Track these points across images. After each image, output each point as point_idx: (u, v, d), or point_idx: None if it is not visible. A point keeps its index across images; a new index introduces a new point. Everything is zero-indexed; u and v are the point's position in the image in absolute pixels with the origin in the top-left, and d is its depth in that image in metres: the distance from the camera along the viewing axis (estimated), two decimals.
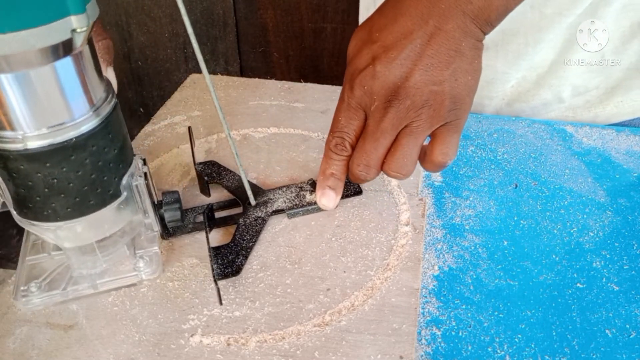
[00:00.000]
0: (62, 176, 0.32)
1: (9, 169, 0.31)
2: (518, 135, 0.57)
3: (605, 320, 0.37)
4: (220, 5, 1.11)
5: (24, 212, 0.33)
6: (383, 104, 0.37)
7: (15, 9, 0.25)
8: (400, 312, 0.36)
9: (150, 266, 0.38)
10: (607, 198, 0.48)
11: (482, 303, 0.38)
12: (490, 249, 0.43)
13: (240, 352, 0.34)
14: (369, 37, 0.38)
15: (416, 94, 0.37)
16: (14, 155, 0.30)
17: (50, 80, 0.29)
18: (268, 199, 0.45)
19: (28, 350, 0.34)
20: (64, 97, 0.31)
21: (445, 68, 0.37)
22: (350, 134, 0.40)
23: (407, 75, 0.36)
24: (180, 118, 0.58)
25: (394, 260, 0.40)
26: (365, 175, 0.40)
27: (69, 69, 0.30)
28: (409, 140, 0.38)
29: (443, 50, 0.36)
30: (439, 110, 0.37)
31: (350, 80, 0.39)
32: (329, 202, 0.42)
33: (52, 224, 0.33)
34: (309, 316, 0.36)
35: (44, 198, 0.32)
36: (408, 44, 0.36)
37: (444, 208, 0.47)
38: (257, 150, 0.53)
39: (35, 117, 0.30)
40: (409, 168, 0.40)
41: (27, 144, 0.30)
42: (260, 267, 0.40)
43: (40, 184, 0.31)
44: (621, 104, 0.60)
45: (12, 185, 0.32)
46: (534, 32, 0.57)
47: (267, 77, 0.67)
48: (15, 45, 0.26)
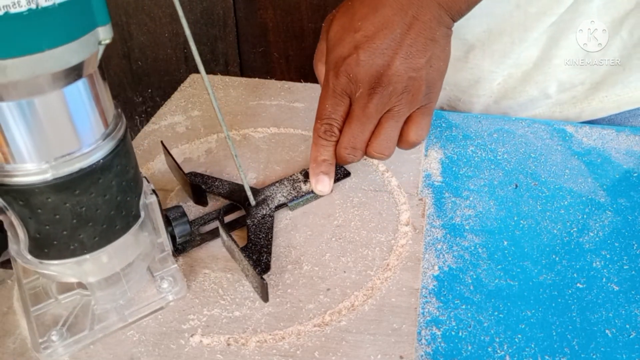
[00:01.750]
0: (90, 203, 0.29)
1: (31, 206, 0.27)
2: (518, 135, 0.57)
3: (605, 320, 0.37)
4: (220, 5, 1.11)
5: (44, 252, 0.30)
6: (367, 90, 0.40)
7: (53, 25, 0.23)
8: (400, 312, 0.36)
9: (175, 285, 0.36)
10: (607, 198, 0.48)
11: (482, 303, 0.38)
12: (490, 249, 0.43)
13: (240, 352, 0.34)
14: (351, 25, 0.40)
15: (397, 81, 0.40)
16: (40, 188, 0.27)
17: (80, 98, 0.27)
18: (266, 196, 0.45)
19: (28, 350, 0.34)
20: (94, 114, 0.28)
21: (422, 56, 0.40)
22: (338, 120, 0.43)
23: (388, 63, 0.39)
24: (180, 118, 0.58)
25: (394, 260, 0.40)
26: (353, 157, 0.44)
27: (97, 84, 0.28)
28: (391, 123, 0.42)
29: (421, 39, 0.39)
30: (417, 95, 0.41)
31: (335, 67, 0.41)
32: (325, 187, 0.45)
33: (78, 258, 0.30)
34: (309, 316, 0.36)
35: (70, 231, 0.29)
36: (389, 33, 0.39)
37: (444, 208, 0.47)
38: (256, 150, 0.53)
39: (65, 141, 0.27)
40: (392, 149, 0.44)
41: (55, 172, 0.27)
42: None
43: (68, 216, 0.28)
44: (606, 99, 0.61)
45: (33, 224, 0.28)
46: (519, 31, 0.58)
47: (267, 77, 0.66)
48: (52, 64, 0.24)
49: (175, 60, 1.19)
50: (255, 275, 0.36)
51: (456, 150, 0.55)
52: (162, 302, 0.36)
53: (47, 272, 0.31)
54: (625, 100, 0.60)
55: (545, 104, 0.64)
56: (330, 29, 0.42)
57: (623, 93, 0.60)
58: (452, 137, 0.57)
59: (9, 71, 0.23)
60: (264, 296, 0.36)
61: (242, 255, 0.37)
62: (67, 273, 0.31)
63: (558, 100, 0.63)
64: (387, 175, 0.49)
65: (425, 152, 0.54)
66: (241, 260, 0.38)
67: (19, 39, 0.22)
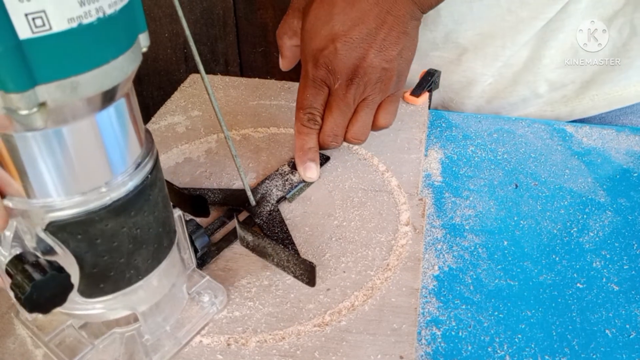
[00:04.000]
0: (143, 223, 0.27)
1: (90, 237, 0.25)
2: (518, 135, 0.57)
3: (605, 320, 0.37)
4: (220, 5, 1.10)
5: (99, 288, 0.27)
6: (345, 81, 0.43)
7: (115, 33, 0.22)
8: (400, 312, 0.36)
9: (217, 296, 0.36)
10: (607, 198, 0.48)
11: (482, 303, 0.38)
12: (490, 249, 0.43)
13: (240, 352, 0.34)
14: (328, 18, 0.42)
15: (372, 72, 0.43)
16: (99, 215, 0.25)
17: (130, 110, 0.26)
18: (262, 193, 0.45)
19: (28, 350, 0.34)
20: (140, 126, 0.27)
21: (395, 48, 0.43)
22: (319, 109, 0.45)
23: (363, 55, 0.42)
24: (180, 118, 0.58)
25: (394, 260, 0.40)
26: (335, 144, 0.47)
27: (133, 94, 0.26)
28: (367, 111, 0.45)
29: (394, 33, 0.42)
30: (388, 84, 0.44)
31: (314, 59, 0.43)
32: (313, 173, 0.46)
33: (133, 286, 0.28)
34: (309, 316, 0.36)
35: (127, 257, 0.27)
36: (365, 28, 0.41)
37: (444, 208, 0.47)
38: (256, 150, 0.53)
39: (120, 160, 0.25)
40: (367, 134, 0.47)
41: (113, 195, 0.25)
42: (260, 266, 0.39)
43: (124, 241, 0.26)
44: (596, 97, 0.61)
45: (90, 258, 0.26)
46: (511, 34, 0.58)
47: (267, 77, 0.66)
48: (114, 76, 0.22)
49: (175, 60, 1.19)
50: (303, 261, 0.36)
51: (456, 150, 0.55)
52: (210, 315, 0.35)
53: (94, 312, 0.28)
54: (616, 98, 0.61)
55: (537, 103, 0.64)
56: (307, 19, 0.44)
57: (613, 91, 0.61)
58: (452, 137, 0.57)
59: (80, 88, 0.21)
60: (312, 280, 0.37)
61: (280, 247, 0.37)
62: (118, 307, 0.29)
63: (549, 99, 0.64)
64: (387, 175, 0.49)
65: (425, 152, 0.54)
66: (277, 253, 0.38)
67: (89, 51, 0.21)
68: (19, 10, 0.18)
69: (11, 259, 0.24)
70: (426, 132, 0.56)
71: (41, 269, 0.24)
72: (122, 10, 0.22)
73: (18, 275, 0.24)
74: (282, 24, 0.50)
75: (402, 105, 0.59)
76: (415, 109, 0.58)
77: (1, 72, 0.19)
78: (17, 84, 0.19)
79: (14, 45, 0.19)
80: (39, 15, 0.19)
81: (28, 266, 0.24)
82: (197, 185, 0.47)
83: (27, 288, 0.23)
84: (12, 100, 0.20)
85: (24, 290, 0.23)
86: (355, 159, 0.51)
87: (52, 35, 0.19)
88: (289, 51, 0.51)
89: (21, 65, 0.19)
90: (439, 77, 0.61)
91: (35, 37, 0.19)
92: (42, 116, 0.21)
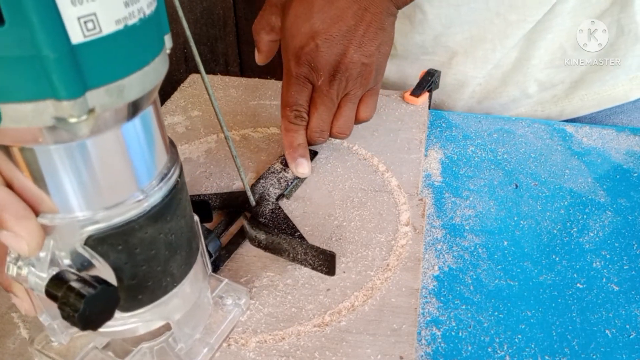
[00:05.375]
0: (176, 228, 0.26)
1: (130, 247, 0.24)
2: (518, 135, 0.57)
3: (605, 321, 0.37)
4: (220, 5, 1.10)
5: (137, 300, 0.26)
6: (328, 78, 0.44)
7: (152, 34, 0.21)
8: (400, 312, 0.36)
9: (241, 297, 0.35)
10: (607, 198, 0.48)
11: (482, 303, 0.38)
12: (490, 249, 0.43)
13: (240, 352, 0.34)
14: (308, 16, 0.43)
15: (353, 67, 0.44)
16: (139, 223, 0.24)
17: (158, 113, 0.25)
18: (260, 193, 0.45)
19: (27, 350, 0.34)
20: (164, 130, 0.26)
21: (373, 44, 0.44)
22: (305, 105, 0.46)
23: (344, 51, 0.43)
24: (180, 118, 0.58)
25: (394, 260, 0.40)
26: (322, 139, 0.48)
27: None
28: (349, 105, 0.47)
29: (372, 29, 0.44)
30: (368, 79, 0.46)
31: (296, 57, 0.44)
32: (305, 169, 0.47)
33: (168, 294, 0.28)
34: (309, 316, 0.36)
35: (163, 265, 0.26)
36: (344, 25, 0.43)
37: (444, 208, 0.47)
38: (256, 150, 0.53)
39: (157, 163, 0.25)
40: (351, 128, 0.48)
41: (151, 200, 0.24)
42: (260, 267, 0.40)
43: (162, 248, 0.26)
44: (586, 97, 0.62)
45: (129, 269, 0.25)
46: (500, 37, 0.59)
47: (267, 77, 0.66)
48: (153, 77, 0.22)
49: (175, 60, 1.19)
50: (322, 251, 0.37)
51: (456, 150, 0.55)
52: (236, 318, 0.35)
53: (128, 327, 0.27)
54: (605, 98, 0.61)
55: (528, 103, 0.65)
56: (287, 18, 0.45)
57: (602, 91, 0.61)
58: (452, 137, 0.57)
59: (125, 91, 0.21)
60: (332, 270, 0.37)
61: (296, 240, 0.38)
62: (153, 319, 0.28)
63: (540, 100, 0.64)
64: (387, 176, 0.49)
65: (425, 152, 0.54)
66: (293, 248, 0.38)
67: (134, 53, 0.21)
68: (72, 14, 0.18)
69: (52, 280, 0.23)
70: (426, 132, 0.56)
71: (89, 284, 0.22)
72: (155, 11, 0.22)
73: (66, 293, 0.22)
74: (259, 19, 0.51)
75: (402, 105, 0.59)
76: (415, 109, 0.58)
77: (56, 80, 0.18)
78: (71, 91, 0.19)
79: (68, 50, 0.18)
80: (90, 19, 0.18)
81: (74, 283, 0.22)
82: (197, 186, 0.47)
83: (80, 305, 0.22)
84: (65, 109, 0.19)
85: (76, 307, 0.22)
86: (355, 159, 0.51)
87: (102, 39, 0.19)
88: (265, 46, 0.52)
89: (74, 71, 0.18)
90: (439, 77, 0.61)
91: (87, 41, 0.18)
92: (89, 123, 0.20)
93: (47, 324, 0.27)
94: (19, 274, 0.24)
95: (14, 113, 0.19)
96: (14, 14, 0.17)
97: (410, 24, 0.62)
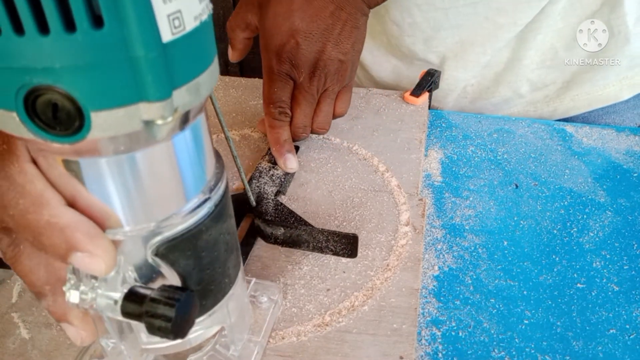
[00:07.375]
0: (230, 226, 0.26)
1: (197, 250, 0.24)
2: (518, 135, 0.57)
3: (605, 321, 0.37)
4: (220, 5, 1.10)
5: (202, 305, 0.26)
6: (308, 74, 0.46)
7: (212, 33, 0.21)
8: (400, 312, 0.36)
9: (274, 293, 0.35)
10: (607, 198, 0.48)
11: (482, 303, 0.38)
12: (490, 249, 0.43)
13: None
14: (288, 15, 0.45)
15: (331, 64, 0.46)
16: (206, 225, 0.23)
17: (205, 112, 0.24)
18: (257, 193, 0.45)
19: (28, 350, 0.34)
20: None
21: (348, 42, 0.46)
22: (287, 102, 0.47)
23: (322, 49, 0.45)
24: None
25: (394, 260, 0.40)
26: (304, 134, 0.49)
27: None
28: (328, 101, 0.49)
29: (347, 27, 0.46)
30: (344, 75, 0.48)
31: (277, 54, 0.45)
32: (293, 164, 0.47)
33: (227, 296, 0.27)
34: (308, 316, 0.36)
35: (223, 266, 0.26)
36: (322, 23, 0.45)
37: (444, 208, 0.47)
38: (256, 150, 0.52)
39: (214, 160, 0.24)
40: (330, 123, 0.50)
41: (214, 199, 0.24)
42: (260, 267, 0.40)
43: (221, 249, 0.25)
44: (577, 97, 0.62)
45: (196, 274, 0.24)
46: (490, 41, 0.59)
47: None
48: (213, 77, 0.22)
49: None
50: (345, 235, 0.38)
51: (456, 150, 0.55)
52: (275, 314, 0.35)
53: (189, 337, 0.27)
54: (596, 98, 0.61)
55: (520, 103, 0.65)
56: (266, 17, 0.46)
57: (593, 91, 0.61)
58: (452, 137, 0.57)
59: (201, 89, 0.20)
60: (354, 251, 0.38)
61: (317, 229, 0.38)
62: (213, 324, 0.27)
63: (532, 100, 0.64)
64: (387, 175, 0.49)
65: (425, 152, 0.54)
66: (314, 237, 0.39)
67: (206, 49, 0.20)
68: (163, 12, 0.17)
69: (128, 297, 0.22)
70: (426, 132, 0.56)
71: (171, 293, 0.22)
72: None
73: (152, 306, 0.21)
74: (235, 16, 0.51)
75: (402, 105, 0.59)
76: (415, 109, 0.58)
77: (149, 80, 0.17)
78: (162, 92, 0.18)
79: (161, 50, 0.17)
80: (177, 16, 0.18)
81: (156, 294, 0.22)
82: None
83: (172, 314, 0.21)
84: (156, 110, 0.18)
85: (168, 317, 0.21)
86: (355, 159, 0.51)
87: (185, 36, 0.18)
88: (240, 44, 0.52)
89: (165, 70, 0.18)
90: (439, 77, 0.61)
91: (174, 39, 0.18)
92: (170, 125, 0.19)
93: (109, 348, 0.26)
94: (84, 299, 0.22)
95: (104, 121, 0.18)
96: (114, 15, 0.16)
97: (399, 29, 0.62)
